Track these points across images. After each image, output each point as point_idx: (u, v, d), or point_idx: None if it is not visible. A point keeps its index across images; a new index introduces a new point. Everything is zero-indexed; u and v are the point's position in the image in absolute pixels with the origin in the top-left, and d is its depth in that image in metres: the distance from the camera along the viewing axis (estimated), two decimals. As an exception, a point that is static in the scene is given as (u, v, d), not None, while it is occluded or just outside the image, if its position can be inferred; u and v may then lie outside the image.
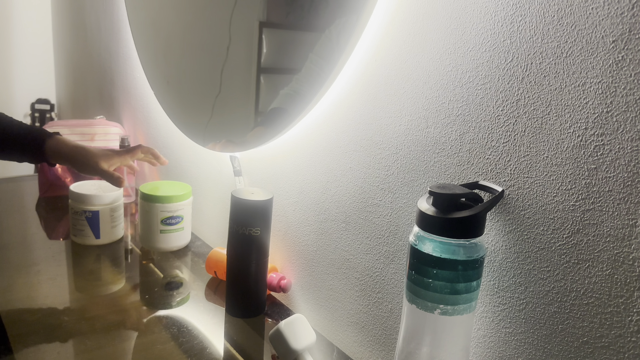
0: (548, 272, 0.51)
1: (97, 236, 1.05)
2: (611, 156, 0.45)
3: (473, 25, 0.55)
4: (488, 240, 0.56)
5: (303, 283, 0.86)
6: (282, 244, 0.90)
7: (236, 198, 0.77)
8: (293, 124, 0.81)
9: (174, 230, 1.03)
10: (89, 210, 1.03)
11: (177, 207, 1.02)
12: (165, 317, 0.80)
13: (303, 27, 0.75)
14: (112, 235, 1.07)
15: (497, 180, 0.54)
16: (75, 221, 1.04)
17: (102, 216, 1.04)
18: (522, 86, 0.51)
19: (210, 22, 0.97)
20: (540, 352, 0.52)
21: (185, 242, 1.07)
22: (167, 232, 1.02)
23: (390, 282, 0.69)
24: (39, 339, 0.72)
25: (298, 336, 0.67)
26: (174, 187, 1.05)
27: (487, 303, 0.57)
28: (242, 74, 0.89)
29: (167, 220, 1.01)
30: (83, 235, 1.04)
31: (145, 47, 1.27)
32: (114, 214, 1.06)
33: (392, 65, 0.65)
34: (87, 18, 1.76)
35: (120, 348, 0.71)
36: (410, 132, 0.63)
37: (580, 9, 0.46)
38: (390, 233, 0.68)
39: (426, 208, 0.51)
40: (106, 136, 1.45)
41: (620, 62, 0.43)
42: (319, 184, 0.79)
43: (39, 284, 0.88)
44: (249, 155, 0.95)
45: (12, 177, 1.49)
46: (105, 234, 1.06)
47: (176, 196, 1.01)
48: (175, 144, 1.25)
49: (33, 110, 2.28)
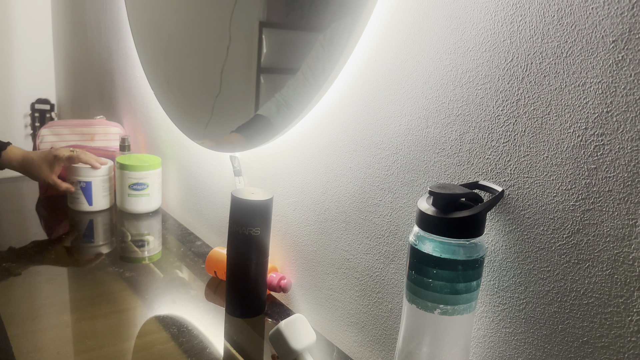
0: (548, 272, 0.51)
1: (90, 203, 1.23)
2: (611, 156, 0.45)
3: (473, 25, 0.55)
4: (488, 240, 0.56)
5: (303, 283, 0.86)
6: (282, 244, 0.90)
7: (236, 198, 0.77)
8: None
9: (140, 195, 1.22)
10: (84, 180, 1.20)
11: (142, 175, 1.20)
12: (165, 317, 0.80)
13: (303, 27, 0.75)
14: (103, 202, 1.25)
15: (497, 180, 0.54)
16: None
17: (95, 186, 1.22)
18: (522, 86, 0.51)
19: (210, 22, 0.97)
20: (540, 352, 0.52)
21: (153, 208, 1.25)
22: (134, 197, 1.21)
23: (390, 282, 0.69)
24: (39, 339, 0.72)
25: (298, 336, 0.67)
26: (144, 159, 1.24)
27: (487, 303, 0.57)
28: (242, 74, 0.89)
29: (134, 185, 1.20)
30: (78, 203, 1.23)
31: (145, 47, 1.27)
32: (104, 185, 1.24)
33: (392, 65, 0.65)
34: (87, 18, 1.76)
35: (120, 348, 0.71)
36: (410, 132, 0.63)
37: (580, 9, 0.46)
38: (390, 233, 0.68)
39: (426, 208, 0.51)
40: (106, 136, 1.45)
41: (620, 62, 0.43)
42: (319, 184, 0.79)
43: (39, 284, 0.88)
44: (249, 155, 0.95)
45: (12, 177, 1.49)
46: (97, 202, 1.24)
47: (142, 165, 1.20)
48: (175, 144, 1.25)
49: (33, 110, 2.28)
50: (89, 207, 1.22)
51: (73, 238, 1.07)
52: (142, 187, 1.21)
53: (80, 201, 1.22)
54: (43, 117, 2.29)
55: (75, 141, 1.40)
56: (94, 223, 1.17)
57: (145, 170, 1.20)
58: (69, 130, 1.40)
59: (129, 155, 1.27)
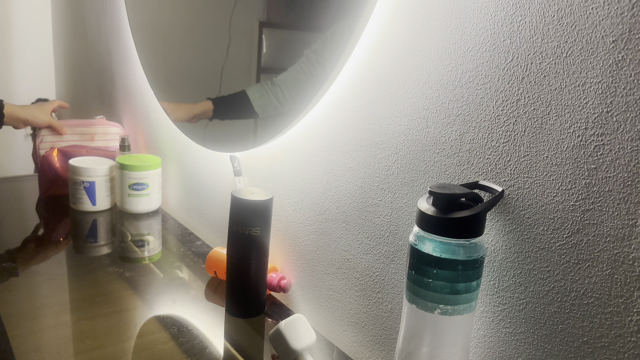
0: (548, 272, 0.51)
1: (94, 203, 1.22)
2: (611, 156, 0.45)
3: (473, 25, 0.55)
4: (488, 240, 0.56)
5: (303, 283, 0.86)
6: (282, 244, 0.90)
7: (236, 198, 0.77)
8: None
9: (140, 195, 1.21)
10: (87, 180, 1.20)
11: (142, 175, 1.20)
12: (165, 317, 0.80)
13: (303, 27, 0.75)
14: (106, 202, 1.24)
15: (497, 180, 0.54)
16: (75, 190, 1.22)
17: (98, 186, 1.22)
18: (522, 86, 0.51)
19: (210, 22, 0.97)
20: (540, 352, 0.52)
21: (153, 208, 1.25)
22: (134, 197, 1.21)
23: (390, 282, 0.69)
24: (39, 339, 0.72)
25: (298, 336, 0.67)
26: (144, 159, 1.24)
27: (487, 303, 0.57)
28: (242, 74, 0.89)
29: (134, 185, 1.20)
30: (81, 203, 1.22)
31: (145, 47, 1.27)
32: (107, 185, 1.24)
33: (392, 65, 0.65)
34: (87, 18, 1.76)
35: (120, 348, 0.71)
36: (410, 132, 0.63)
37: (580, 9, 0.46)
38: (390, 233, 0.68)
39: (426, 208, 0.51)
40: (106, 136, 1.45)
41: (620, 62, 0.43)
42: (319, 184, 0.79)
43: (39, 284, 0.88)
44: (249, 155, 0.95)
45: (12, 177, 1.49)
46: (101, 202, 1.23)
47: (142, 165, 1.20)
48: (175, 144, 1.25)
49: (33, 110, 2.27)
50: (92, 207, 1.23)
51: (74, 238, 1.07)
52: (142, 187, 1.21)
53: (83, 201, 1.22)
54: (43, 117, 2.29)
55: (75, 141, 1.40)
56: (97, 223, 1.17)
57: (146, 170, 1.21)
58: (69, 130, 1.40)
59: (129, 155, 1.27)
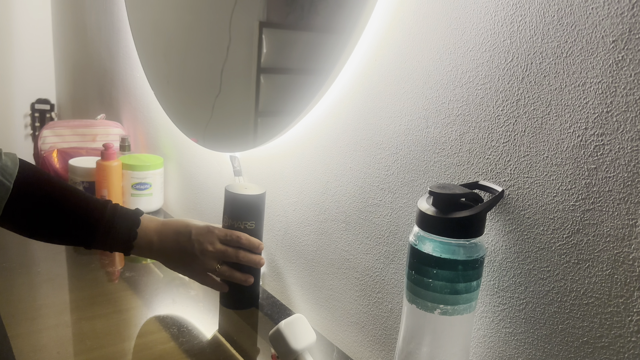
0: (548, 272, 0.51)
1: None
2: (611, 156, 0.45)
3: (473, 25, 0.55)
4: (488, 240, 0.56)
5: (303, 283, 0.86)
6: (282, 244, 0.90)
7: (231, 193, 0.79)
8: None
9: (143, 195, 1.21)
10: (86, 181, 1.19)
11: (145, 175, 1.20)
12: (165, 317, 0.80)
13: (303, 27, 0.75)
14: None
15: (497, 180, 0.54)
16: None
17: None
18: (522, 86, 0.51)
19: (210, 22, 0.97)
20: (540, 352, 0.52)
21: (155, 207, 1.25)
22: (137, 196, 1.21)
23: (390, 282, 0.69)
24: (39, 339, 0.72)
25: (298, 336, 0.67)
26: (146, 159, 1.24)
27: (487, 303, 0.57)
28: (242, 74, 0.89)
29: (137, 185, 1.20)
30: None
31: (145, 47, 1.27)
32: None
33: (392, 65, 0.65)
34: (87, 18, 1.76)
35: (120, 348, 0.71)
36: (410, 132, 0.63)
37: (580, 9, 0.46)
38: (390, 233, 0.68)
39: (426, 208, 0.51)
40: (107, 137, 1.45)
41: (620, 62, 0.43)
42: (319, 184, 0.79)
43: (39, 284, 0.88)
44: (249, 155, 0.95)
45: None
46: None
47: (145, 165, 1.20)
48: (175, 144, 1.25)
49: (33, 110, 2.27)
50: None
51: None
52: (145, 187, 1.21)
53: None
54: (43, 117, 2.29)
55: (76, 142, 1.40)
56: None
57: (148, 170, 1.21)
58: (71, 131, 1.40)
59: (131, 155, 1.27)
